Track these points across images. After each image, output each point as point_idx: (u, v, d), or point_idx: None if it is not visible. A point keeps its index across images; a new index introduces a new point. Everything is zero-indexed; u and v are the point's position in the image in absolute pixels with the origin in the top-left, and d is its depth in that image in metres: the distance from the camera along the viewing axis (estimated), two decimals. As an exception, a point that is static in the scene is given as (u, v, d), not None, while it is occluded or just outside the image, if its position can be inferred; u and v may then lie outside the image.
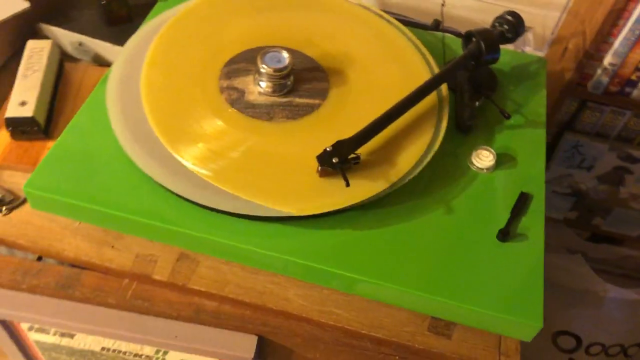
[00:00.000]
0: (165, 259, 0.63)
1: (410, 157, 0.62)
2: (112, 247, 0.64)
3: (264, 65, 0.64)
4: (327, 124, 0.65)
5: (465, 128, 0.68)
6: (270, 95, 0.66)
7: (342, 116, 0.66)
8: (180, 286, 0.62)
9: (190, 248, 0.63)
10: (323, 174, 0.59)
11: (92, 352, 0.70)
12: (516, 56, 0.80)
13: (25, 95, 0.69)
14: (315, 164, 0.58)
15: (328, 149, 0.58)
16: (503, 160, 0.67)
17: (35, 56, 0.73)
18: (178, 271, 0.63)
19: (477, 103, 0.69)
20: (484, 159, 0.65)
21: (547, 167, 1.08)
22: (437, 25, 0.77)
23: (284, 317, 0.61)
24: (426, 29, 0.79)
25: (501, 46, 0.74)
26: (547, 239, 0.62)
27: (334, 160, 0.57)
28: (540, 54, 0.85)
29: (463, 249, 0.59)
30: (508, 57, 0.79)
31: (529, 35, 0.85)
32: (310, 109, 0.66)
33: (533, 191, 0.64)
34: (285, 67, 0.65)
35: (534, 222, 0.62)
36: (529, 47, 0.84)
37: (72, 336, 0.68)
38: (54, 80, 0.75)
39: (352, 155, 0.59)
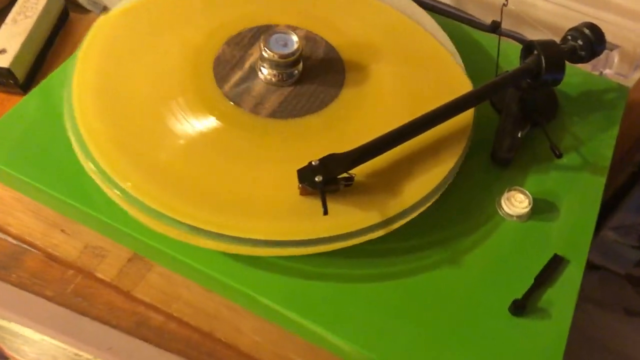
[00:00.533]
0: (116, 255, 0.54)
1: (419, 188, 0.50)
2: (62, 230, 0.56)
3: (267, 49, 0.53)
4: (330, 129, 0.54)
5: (501, 160, 0.55)
6: (272, 85, 0.55)
7: (351, 122, 0.54)
8: (125, 292, 0.53)
9: (138, 252, 0.53)
10: (304, 192, 0.48)
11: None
12: (590, 80, 0.65)
13: (8, 43, 0.61)
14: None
15: (314, 163, 0.46)
16: (541, 208, 0.53)
17: (33, 0, 0.65)
18: (126, 273, 0.54)
19: (523, 132, 0.55)
20: (516, 203, 0.52)
21: (614, 213, 0.92)
22: (494, 28, 0.63)
23: (234, 352, 0.51)
24: (482, 29, 0.65)
25: (575, 66, 0.60)
26: (604, 295, 0.50)
27: (316, 179, 0.46)
28: (624, 80, 0.69)
29: (466, 316, 0.47)
30: (579, 79, 0.64)
31: (613, 55, 0.69)
32: (314, 108, 0.54)
33: (572, 256, 0.50)
34: (293, 54, 0.54)
35: (563, 296, 0.48)
36: (609, 69, 0.69)
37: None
38: (50, 30, 0.67)
39: (344, 175, 0.47)
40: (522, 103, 0.56)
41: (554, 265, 0.49)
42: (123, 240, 0.52)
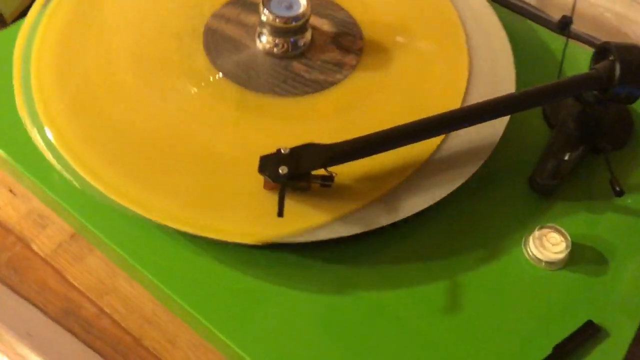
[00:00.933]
0: (60, 228, 0.46)
1: (413, 205, 0.39)
2: (11, 190, 0.49)
3: (267, 11, 0.44)
4: (331, 114, 0.43)
5: (541, 188, 0.43)
6: (272, 56, 0.46)
7: (357, 108, 0.44)
8: (59, 271, 0.45)
9: (76, 230, 0.45)
10: (268, 186, 0.38)
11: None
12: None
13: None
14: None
15: (283, 151, 0.36)
16: (582, 257, 0.40)
17: None
18: (64, 250, 0.45)
19: (573, 154, 0.43)
20: (549, 245, 0.40)
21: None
22: (564, 25, 0.50)
23: (165, 367, 0.42)
24: (550, 28, 0.53)
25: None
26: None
27: (280, 170, 0.35)
28: None
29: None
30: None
31: None
32: (318, 86, 0.44)
33: (614, 326, 0.38)
34: (298, 18, 0.44)
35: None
36: None
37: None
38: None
39: (323, 173, 0.37)
40: (582, 120, 0.44)
41: (586, 335, 0.37)
42: (63, 215, 0.44)
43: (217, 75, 0.44)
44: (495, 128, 0.43)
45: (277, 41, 0.45)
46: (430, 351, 0.36)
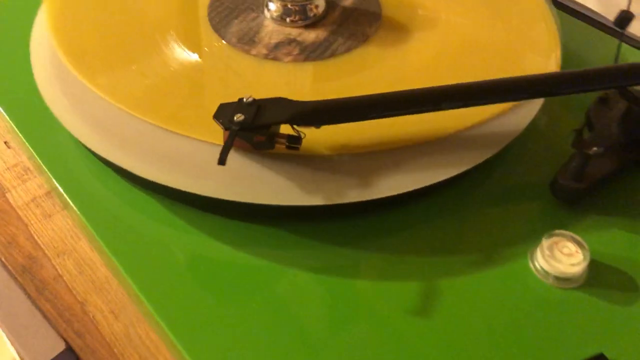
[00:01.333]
0: (38, 184, 0.44)
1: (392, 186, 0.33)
2: (6, 142, 0.47)
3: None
4: (335, 83, 0.39)
5: (562, 191, 0.35)
6: (280, 23, 0.42)
7: (364, 81, 0.39)
8: (25, 224, 0.42)
9: (52, 190, 0.43)
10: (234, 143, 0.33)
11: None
12: None
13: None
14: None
15: (245, 100, 0.32)
16: (601, 277, 0.33)
17: None
18: (37, 205, 0.43)
19: (598, 148, 0.35)
20: (561, 256, 0.32)
21: None
22: (622, 21, 0.43)
23: (100, 342, 0.37)
24: (604, 30, 0.46)
25: None
26: None
27: (235, 117, 0.31)
28: None
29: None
30: None
31: None
32: (325, 53, 0.40)
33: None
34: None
35: None
36: None
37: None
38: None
39: (292, 133, 0.32)
40: (628, 122, 0.37)
41: (592, 370, 0.29)
42: (42, 173, 0.42)
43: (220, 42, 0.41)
44: (520, 117, 0.36)
45: (285, 8, 0.41)
46: (401, 354, 0.30)
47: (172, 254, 0.35)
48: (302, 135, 0.32)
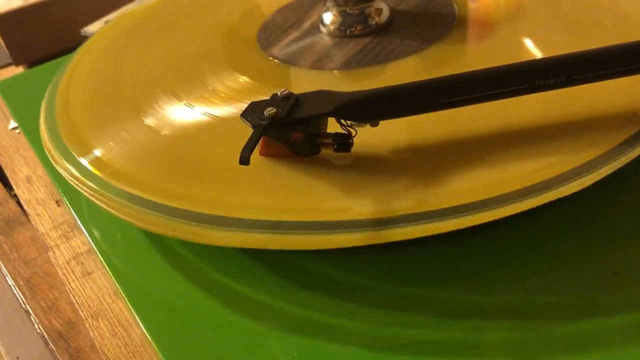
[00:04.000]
0: (85, 239, 0.40)
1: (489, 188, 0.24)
2: (57, 201, 0.44)
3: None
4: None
5: None
6: (339, 36, 0.37)
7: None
8: (65, 284, 0.37)
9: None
10: (265, 150, 0.27)
11: None
12: None
13: None
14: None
15: (280, 94, 0.26)
16: None
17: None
18: (78, 262, 0.38)
19: None
20: None
21: None
22: None
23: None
24: None
25: None
26: None
27: (266, 112, 0.25)
28: None
29: None
30: None
31: None
32: (387, 58, 0.33)
33: None
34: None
35: None
36: None
37: None
38: None
39: (336, 132, 0.25)
40: None
41: None
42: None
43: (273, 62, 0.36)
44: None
45: (343, 18, 0.36)
46: None
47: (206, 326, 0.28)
48: (354, 133, 0.25)
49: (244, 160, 0.23)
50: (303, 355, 0.24)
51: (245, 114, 0.26)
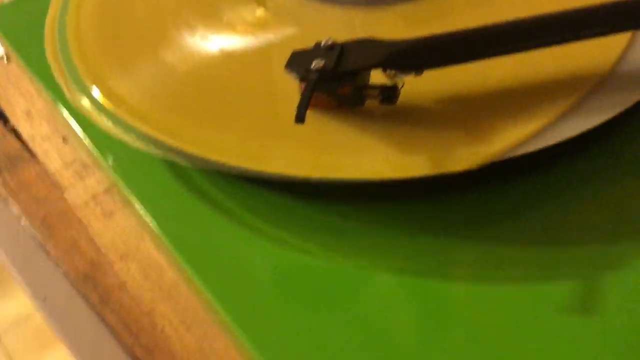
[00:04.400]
0: (101, 178, 0.39)
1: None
2: (64, 138, 0.43)
3: None
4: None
5: None
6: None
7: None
8: (85, 227, 0.37)
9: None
10: (315, 100, 0.26)
11: None
12: None
13: None
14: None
15: (324, 43, 0.25)
16: None
17: None
18: (97, 203, 0.38)
19: None
20: None
21: None
22: None
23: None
24: None
25: None
26: None
27: (313, 65, 0.24)
28: None
29: None
30: None
31: None
32: None
33: None
34: None
35: None
36: None
37: None
38: None
39: (384, 83, 0.25)
40: None
41: None
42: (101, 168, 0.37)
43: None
44: None
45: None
46: None
47: (248, 255, 0.29)
48: (400, 85, 0.25)
49: (301, 118, 0.23)
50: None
51: (290, 66, 0.25)
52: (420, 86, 0.26)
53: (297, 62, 0.25)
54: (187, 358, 0.30)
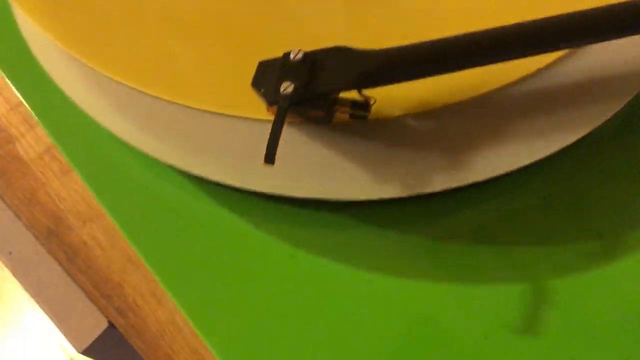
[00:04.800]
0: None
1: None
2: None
3: None
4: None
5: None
6: None
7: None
8: (43, 182, 0.37)
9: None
10: (273, 109, 0.26)
11: None
12: None
13: None
14: None
15: (293, 57, 0.24)
16: None
17: None
18: (52, 157, 0.37)
19: None
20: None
21: None
22: None
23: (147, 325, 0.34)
24: None
25: None
26: None
27: (282, 88, 0.23)
28: None
29: None
30: None
31: None
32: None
33: None
34: None
35: None
36: None
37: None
38: None
39: (355, 97, 0.25)
40: None
41: None
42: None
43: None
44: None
45: None
46: None
47: (190, 226, 0.29)
48: (372, 101, 0.24)
49: (270, 159, 0.22)
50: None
51: (257, 84, 0.23)
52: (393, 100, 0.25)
53: (265, 78, 0.23)
54: (161, 331, 0.32)
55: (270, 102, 0.24)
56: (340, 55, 0.24)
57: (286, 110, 0.23)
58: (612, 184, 0.28)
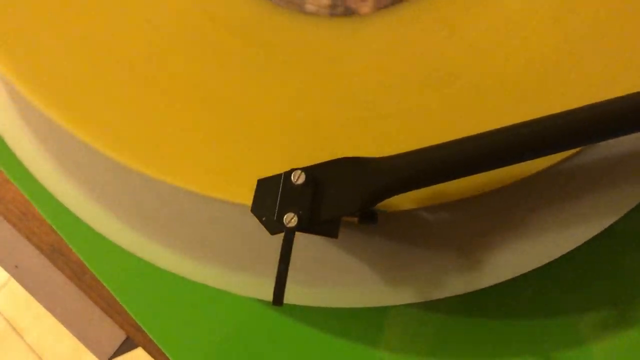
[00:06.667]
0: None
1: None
2: None
3: None
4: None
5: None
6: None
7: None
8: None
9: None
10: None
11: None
12: None
13: None
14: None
15: (295, 179, 0.23)
16: None
17: None
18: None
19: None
20: None
21: None
22: None
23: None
24: None
25: None
26: None
27: (285, 219, 0.22)
28: None
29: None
30: None
31: None
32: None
33: None
34: None
35: None
36: None
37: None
38: None
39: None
40: None
41: None
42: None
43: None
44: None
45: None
46: None
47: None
48: (383, 211, 0.24)
49: (279, 301, 0.21)
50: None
51: (257, 209, 0.22)
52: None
53: (264, 202, 0.22)
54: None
55: (272, 232, 0.22)
56: (346, 171, 0.21)
57: (291, 242, 0.22)
58: (625, 251, 0.28)
